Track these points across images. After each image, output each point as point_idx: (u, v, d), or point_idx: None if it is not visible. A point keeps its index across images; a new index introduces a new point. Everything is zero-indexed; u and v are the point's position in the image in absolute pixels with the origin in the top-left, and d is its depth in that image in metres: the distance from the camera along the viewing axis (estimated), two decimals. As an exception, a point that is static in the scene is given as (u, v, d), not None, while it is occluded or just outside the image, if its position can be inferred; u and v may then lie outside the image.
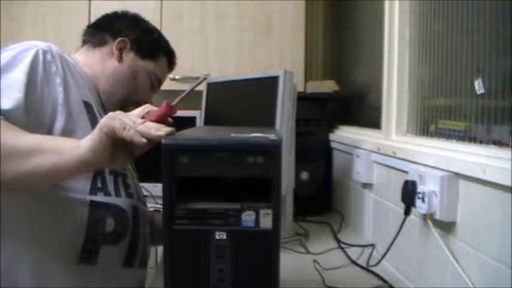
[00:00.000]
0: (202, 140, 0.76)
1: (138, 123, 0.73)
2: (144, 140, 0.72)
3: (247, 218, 0.70)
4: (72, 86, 0.96)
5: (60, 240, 0.91)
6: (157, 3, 2.08)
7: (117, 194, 0.99)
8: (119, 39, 1.10)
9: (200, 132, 1.02)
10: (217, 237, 0.70)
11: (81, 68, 1.06)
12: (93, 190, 0.95)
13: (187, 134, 0.81)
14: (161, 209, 0.71)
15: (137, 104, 1.10)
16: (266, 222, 0.70)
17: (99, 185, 0.96)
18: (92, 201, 0.94)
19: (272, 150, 0.70)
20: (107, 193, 0.97)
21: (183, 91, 0.90)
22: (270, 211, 0.70)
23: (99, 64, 1.09)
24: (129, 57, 1.11)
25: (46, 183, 0.86)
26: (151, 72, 1.14)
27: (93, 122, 0.96)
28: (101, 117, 1.00)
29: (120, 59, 1.10)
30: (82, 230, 0.92)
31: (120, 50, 1.11)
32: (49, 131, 0.90)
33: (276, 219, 0.70)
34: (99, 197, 0.95)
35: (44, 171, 0.77)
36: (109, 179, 0.98)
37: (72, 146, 0.77)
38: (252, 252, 0.71)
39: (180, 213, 0.70)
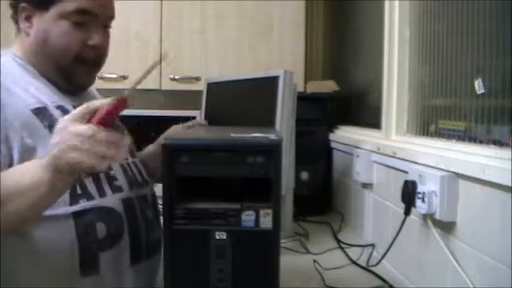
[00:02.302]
0: (203, 139, 0.76)
1: (93, 149, 0.67)
2: (106, 164, 0.69)
3: (247, 218, 0.70)
4: (12, 106, 0.86)
5: (57, 260, 0.86)
6: (157, 3, 2.08)
7: (102, 194, 0.91)
8: (20, 6, 0.95)
9: (200, 132, 1.02)
10: (217, 237, 0.70)
11: (22, 59, 0.96)
12: (74, 199, 0.87)
13: (187, 134, 0.82)
14: (161, 209, 0.71)
15: (82, 53, 0.95)
16: (266, 222, 0.70)
17: (78, 191, 0.88)
18: (74, 213, 0.86)
19: (272, 150, 0.70)
20: (89, 197, 0.89)
21: (184, 91, 0.89)
22: (269, 211, 0.70)
23: (26, 47, 0.96)
24: (36, 20, 0.94)
25: (24, 224, 0.81)
26: (62, 16, 0.93)
27: (52, 125, 0.84)
28: (59, 109, 0.91)
29: (29, 28, 0.95)
30: (74, 244, 0.86)
31: (28, 18, 0.95)
32: (11, 163, 0.83)
33: (276, 219, 0.70)
34: (82, 205, 0.88)
35: (16, 217, 0.74)
36: (88, 181, 0.90)
37: (32, 183, 0.72)
38: (252, 252, 0.71)
39: (180, 213, 0.71)
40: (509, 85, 0.91)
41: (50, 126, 0.87)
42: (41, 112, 0.89)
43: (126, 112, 0.72)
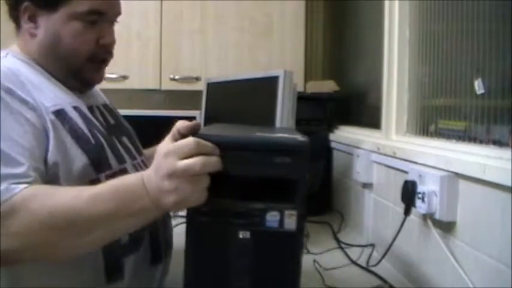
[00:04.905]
0: (232, 137, 0.73)
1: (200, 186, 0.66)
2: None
3: (272, 218, 0.69)
4: (38, 107, 0.83)
5: (82, 269, 0.84)
6: (157, 3, 2.08)
7: None
8: (23, 6, 0.91)
9: (226, 129, 0.98)
10: (240, 236, 0.69)
11: (28, 60, 0.93)
12: None
13: (215, 130, 0.79)
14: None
15: (94, 52, 0.95)
16: (290, 223, 0.69)
17: None
18: None
19: (300, 151, 0.69)
20: None
21: (184, 91, 0.87)
22: (294, 212, 0.69)
23: (32, 48, 0.94)
24: (43, 20, 0.92)
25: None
26: (73, 16, 0.91)
27: (72, 130, 0.86)
28: (76, 110, 0.89)
29: (34, 29, 0.92)
30: (98, 252, 0.84)
31: (32, 19, 0.92)
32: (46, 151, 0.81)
33: (300, 221, 0.69)
34: None
35: (109, 238, 0.75)
36: None
37: (140, 211, 0.70)
38: (274, 253, 0.69)
39: (204, 210, 0.69)
40: (509, 85, 0.91)
41: (71, 130, 0.86)
42: (60, 114, 0.86)
43: (126, 112, 0.71)
